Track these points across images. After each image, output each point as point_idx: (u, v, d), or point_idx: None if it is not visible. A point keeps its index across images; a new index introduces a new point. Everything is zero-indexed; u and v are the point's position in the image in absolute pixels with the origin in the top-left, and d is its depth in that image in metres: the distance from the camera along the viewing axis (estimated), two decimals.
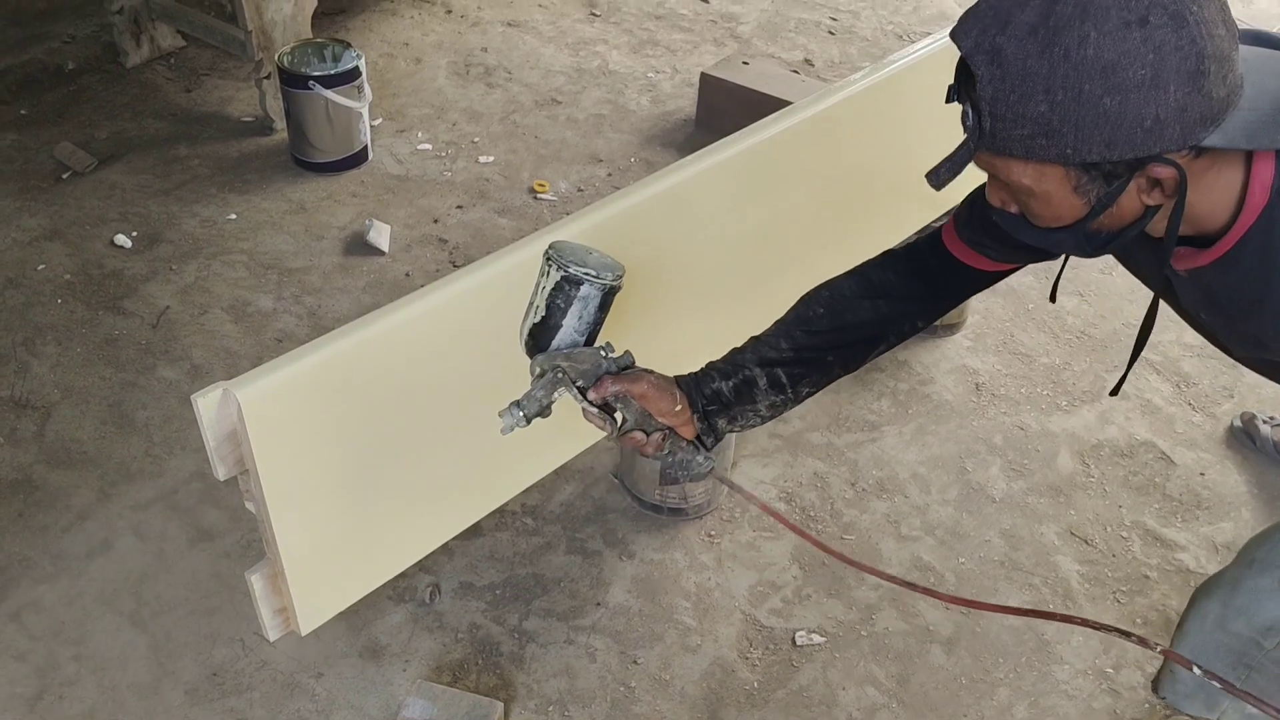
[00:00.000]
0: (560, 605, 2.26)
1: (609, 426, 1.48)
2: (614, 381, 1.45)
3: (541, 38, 4.36)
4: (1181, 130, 1.12)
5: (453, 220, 3.34)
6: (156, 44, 4.01)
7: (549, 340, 1.48)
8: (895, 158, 2.49)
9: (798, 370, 1.57)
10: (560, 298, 1.45)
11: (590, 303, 1.44)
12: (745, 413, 1.56)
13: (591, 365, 1.46)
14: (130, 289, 2.99)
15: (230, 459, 1.56)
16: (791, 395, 1.57)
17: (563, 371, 1.46)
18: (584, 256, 1.46)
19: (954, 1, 4.82)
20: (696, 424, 1.52)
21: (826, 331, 1.59)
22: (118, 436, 2.56)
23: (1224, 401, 2.84)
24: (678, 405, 1.49)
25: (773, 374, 1.55)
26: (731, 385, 1.54)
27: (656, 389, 1.47)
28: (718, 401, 1.52)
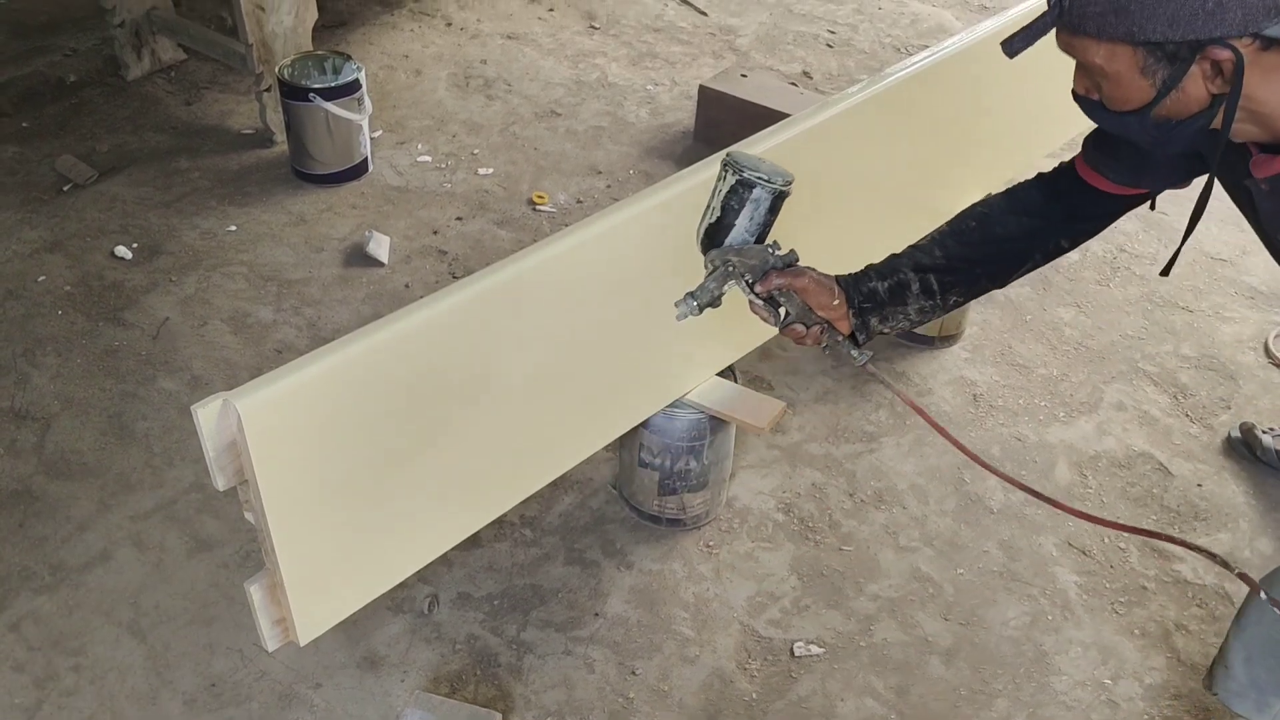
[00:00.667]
0: (558, 616, 2.26)
1: (773, 319, 1.60)
2: (779, 276, 1.57)
3: (541, 50, 4.38)
4: (1244, 15, 1.19)
5: (452, 232, 3.35)
6: (157, 57, 4.03)
7: (722, 238, 1.60)
8: (899, 168, 2.50)
9: (948, 278, 1.68)
10: (734, 200, 1.58)
11: (761, 205, 1.57)
12: (896, 314, 1.67)
13: (759, 261, 1.58)
14: (130, 300, 3.00)
15: (230, 469, 1.57)
16: (940, 302, 1.69)
17: (733, 265, 1.58)
18: (757, 164, 1.58)
19: (951, 15, 4.84)
20: (851, 320, 1.63)
21: (977, 243, 1.69)
22: (117, 447, 2.56)
23: (1221, 413, 2.85)
24: (835, 300, 1.61)
25: (925, 280, 1.66)
26: (886, 286, 1.65)
27: (817, 284, 1.59)
28: (872, 300, 1.64)
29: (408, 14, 4.56)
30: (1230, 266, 3.39)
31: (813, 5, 4.86)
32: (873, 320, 1.65)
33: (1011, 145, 2.97)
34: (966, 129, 2.69)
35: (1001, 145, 2.92)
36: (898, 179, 2.53)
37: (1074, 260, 3.36)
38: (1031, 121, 2.99)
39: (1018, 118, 2.89)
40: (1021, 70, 2.77)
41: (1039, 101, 2.96)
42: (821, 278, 1.61)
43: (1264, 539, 2.51)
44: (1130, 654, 2.26)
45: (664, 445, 2.30)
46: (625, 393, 2.13)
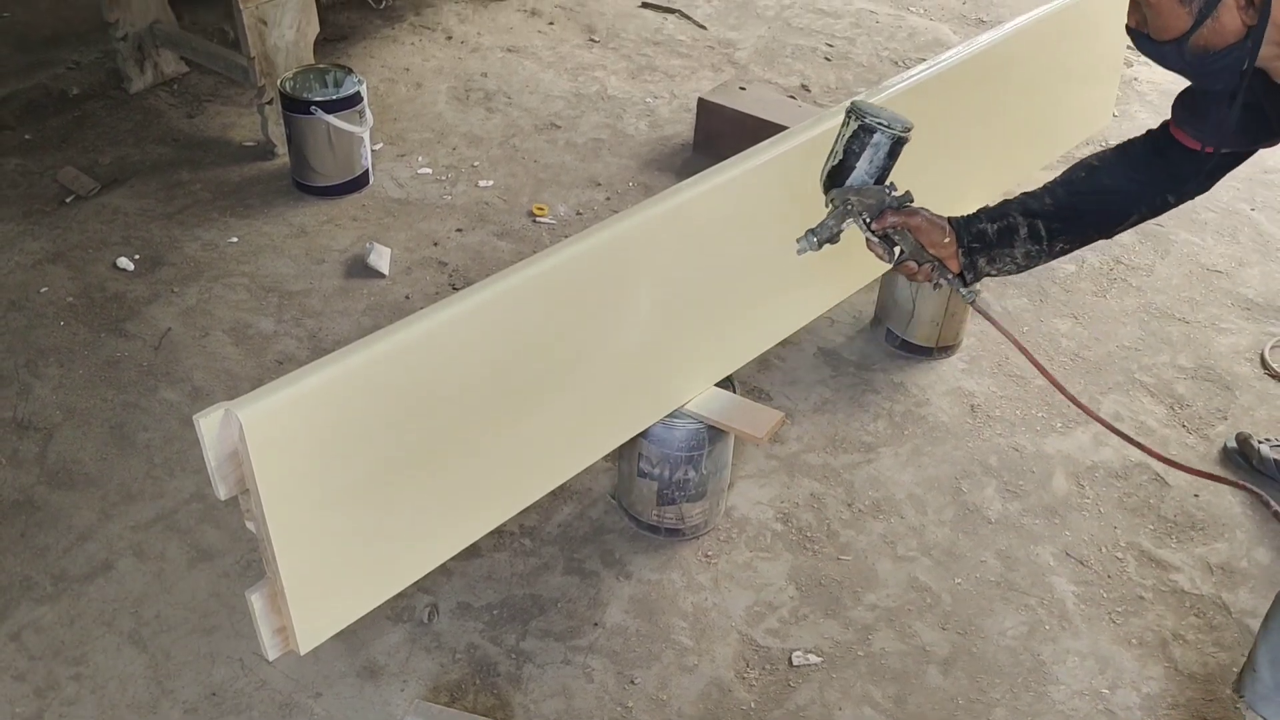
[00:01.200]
0: (558, 625, 2.27)
1: (887, 255, 1.75)
2: (894, 214, 1.71)
3: (541, 63, 4.41)
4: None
5: (452, 243, 3.37)
6: (160, 70, 4.05)
7: (843, 179, 1.74)
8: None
9: (1056, 225, 1.79)
10: (855, 144, 1.71)
11: (880, 149, 1.70)
12: (1003, 256, 1.79)
13: (876, 200, 1.72)
14: (132, 311, 3.01)
15: (231, 479, 1.58)
16: (1046, 248, 1.80)
17: (852, 204, 1.72)
18: (878, 111, 1.70)
19: (949, 29, 4.87)
20: (960, 259, 1.76)
21: (1085, 192, 1.81)
22: (119, 458, 2.58)
23: (1217, 423, 2.86)
24: (946, 239, 1.75)
25: (1033, 224, 1.78)
26: (995, 229, 1.77)
27: (929, 223, 1.73)
28: (981, 240, 1.77)
29: (409, 28, 4.58)
30: (1226, 278, 3.41)
31: (811, 19, 4.89)
32: (980, 261, 1.78)
33: (1007, 158, 3.00)
34: (964, 140, 2.71)
35: (997, 158, 2.95)
36: None
37: (1070, 271, 3.37)
38: (1027, 135, 3.02)
39: (1013, 131, 2.92)
40: (1017, 84, 2.80)
41: (1034, 116, 3.00)
42: (934, 217, 1.75)
43: (1261, 549, 2.52)
44: (1128, 664, 2.26)
45: (663, 455, 2.31)
46: (624, 402, 2.14)
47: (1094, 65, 3.15)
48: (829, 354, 3.02)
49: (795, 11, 4.94)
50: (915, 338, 2.98)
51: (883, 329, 3.06)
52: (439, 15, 4.70)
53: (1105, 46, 3.17)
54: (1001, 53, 2.67)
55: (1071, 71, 3.05)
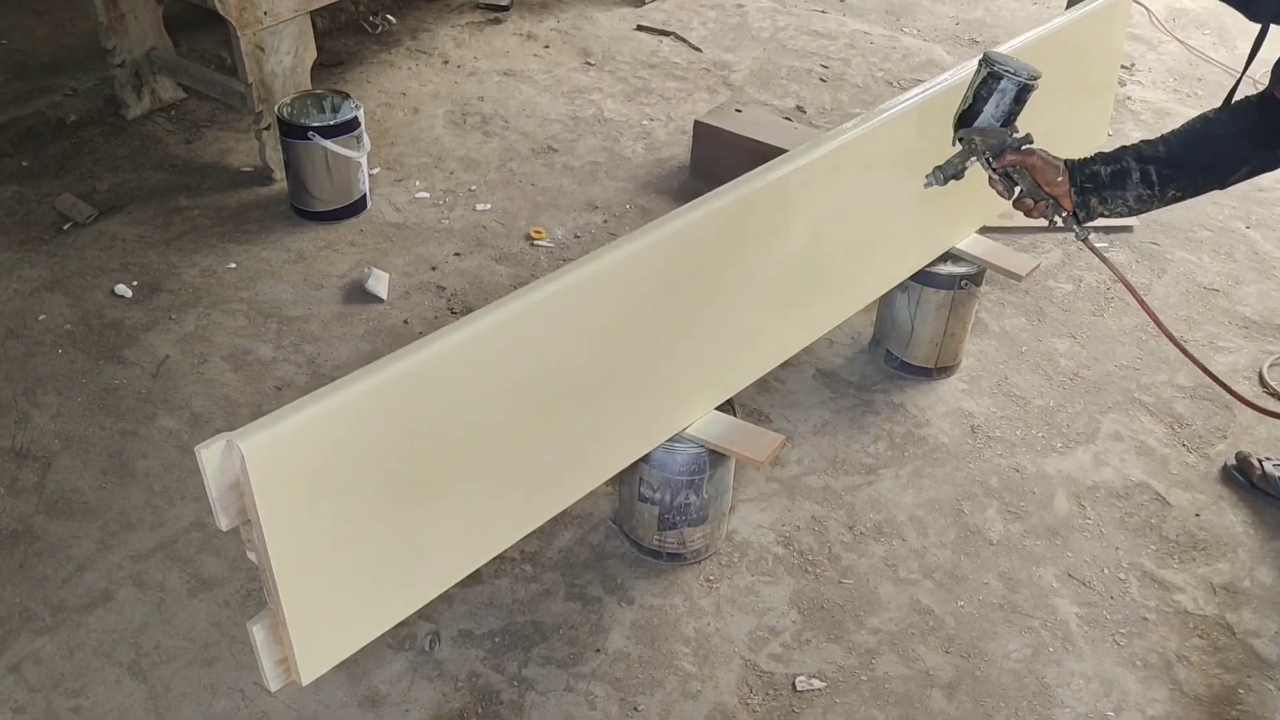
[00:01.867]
0: (560, 652, 2.26)
1: (1007, 192, 1.97)
2: (1013, 154, 1.94)
3: (537, 87, 4.43)
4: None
5: (451, 268, 3.37)
6: (157, 96, 4.06)
7: (971, 121, 1.99)
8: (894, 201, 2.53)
9: (1167, 171, 1.91)
10: (984, 89, 1.95)
11: (1007, 94, 1.94)
12: (1115, 198, 1.93)
13: (998, 141, 1.95)
14: (130, 338, 3.01)
15: (233, 509, 1.57)
16: (1158, 193, 1.93)
17: (976, 144, 1.97)
18: (1007, 60, 1.94)
19: (942, 50, 4.90)
20: (1073, 198, 1.93)
21: (1199, 142, 1.93)
22: (118, 486, 2.57)
23: (1217, 442, 2.86)
24: (1060, 178, 1.92)
25: (1145, 170, 1.91)
26: (1109, 171, 1.92)
27: (1045, 162, 1.93)
28: (1094, 181, 1.92)
29: (405, 52, 4.60)
30: (1224, 297, 3.41)
31: (805, 40, 4.91)
32: (1093, 200, 1.93)
33: None
34: None
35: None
36: (891, 212, 2.56)
37: (1068, 291, 3.38)
38: None
39: None
40: None
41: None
42: (1050, 158, 1.93)
43: (1263, 568, 2.52)
44: (1132, 686, 2.26)
45: (664, 480, 2.31)
46: (626, 427, 2.14)
47: (1089, 85, 3.16)
48: (828, 375, 3.02)
49: (790, 33, 4.96)
50: (914, 358, 2.98)
51: (882, 350, 3.06)
52: (435, 40, 4.72)
53: (1100, 66, 3.19)
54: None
55: (1067, 92, 3.06)
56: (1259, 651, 2.34)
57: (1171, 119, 4.40)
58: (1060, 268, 3.48)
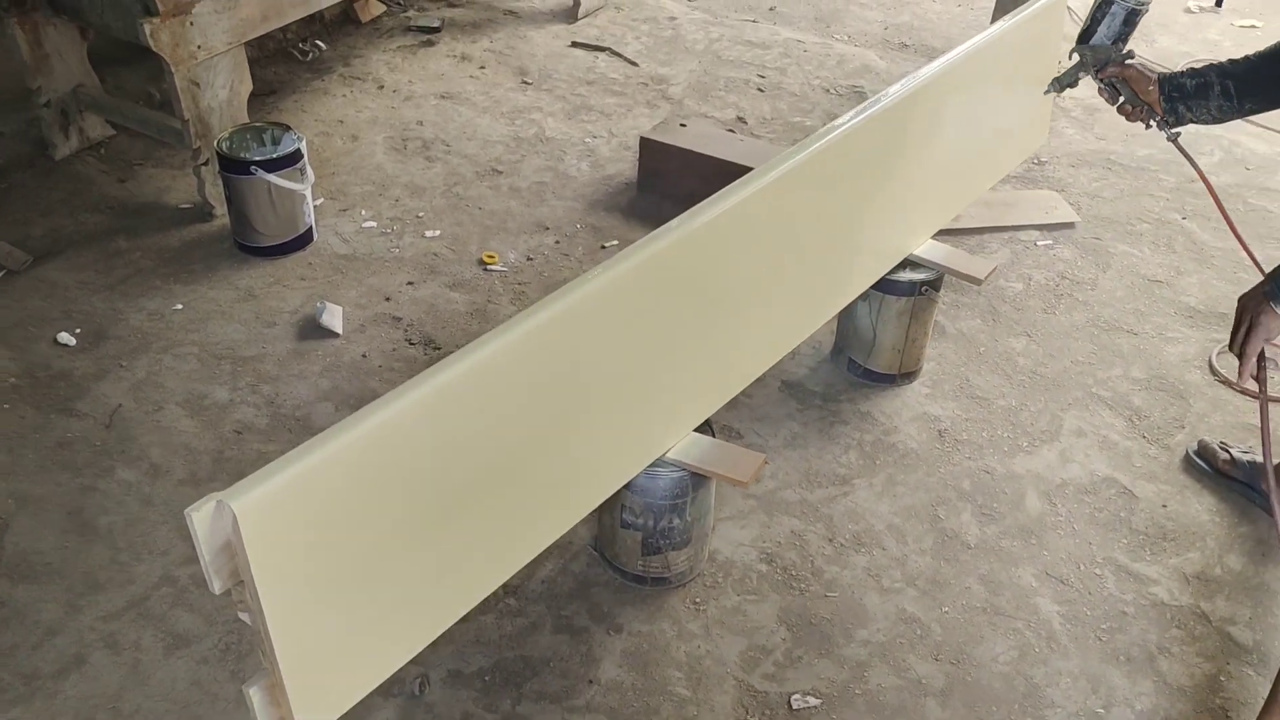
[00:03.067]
0: (552, 686, 2.23)
1: (1112, 99, 2.33)
2: (1114, 67, 2.31)
3: (476, 108, 4.39)
4: None
5: (405, 297, 3.32)
6: (86, 135, 3.94)
7: (1088, 40, 2.34)
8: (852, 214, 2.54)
9: (1244, 86, 2.13)
10: (1099, 12, 2.31)
11: (1117, 18, 2.29)
12: (1199, 106, 2.21)
13: (1105, 56, 2.32)
14: (80, 389, 2.91)
15: (225, 572, 1.52)
16: (1237, 105, 2.16)
17: (1086, 57, 2.35)
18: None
19: (876, 56, 4.96)
20: (1162, 104, 2.24)
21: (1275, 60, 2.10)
22: (80, 545, 2.48)
23: (1176, 433, 2.93)
24: (1151, 87, 2.24)
25: (1225, 84, 2.15)
26: (1193, 84, 2.19)
27: (1140, 73, 2.28)
28: (1180, 91, 2.21)
29: (338, 79, 4.53)
30: (1167, 288, 3.50)
31: (740, 51, 4.94)
32: (1180, 108, 2.22)
33: (950, 188, 3.04)
34: (909, 174, 2.74)
35: (941, 189, 2.99)
36: (852, 223, 2.57)
37: (1019, 290, 3.44)
38: (968, 163, 3.07)
39: (954, 160, 2.96)
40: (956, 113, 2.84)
41: (975, 143, 3.05)
42: (1146, 70, 2.26)
43: (1232, 555, 2.58)
44: (1118, 681, 2.29)
45: (646, 505, 2.29)
46: (609, 456, 2.12)
47: (1028, 86, 3.21)
48: (793, 387, 3.03)
49: (724, 44, 4.98)
50: (878, 365, 3.00)
51: (844, 358, 3.08)
52: (368, 65, 4.65)
53: (1038, 67, 3.24)
54: (941, 84, 2.71)
55: (1008, 95, 3.12)
56: (1235, 638, 2.39)
57: (1102, 114, 4.51)
58: (1010, 266, 3.54)
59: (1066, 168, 4.13)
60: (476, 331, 3.18)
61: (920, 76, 2.65)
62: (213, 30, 3.36)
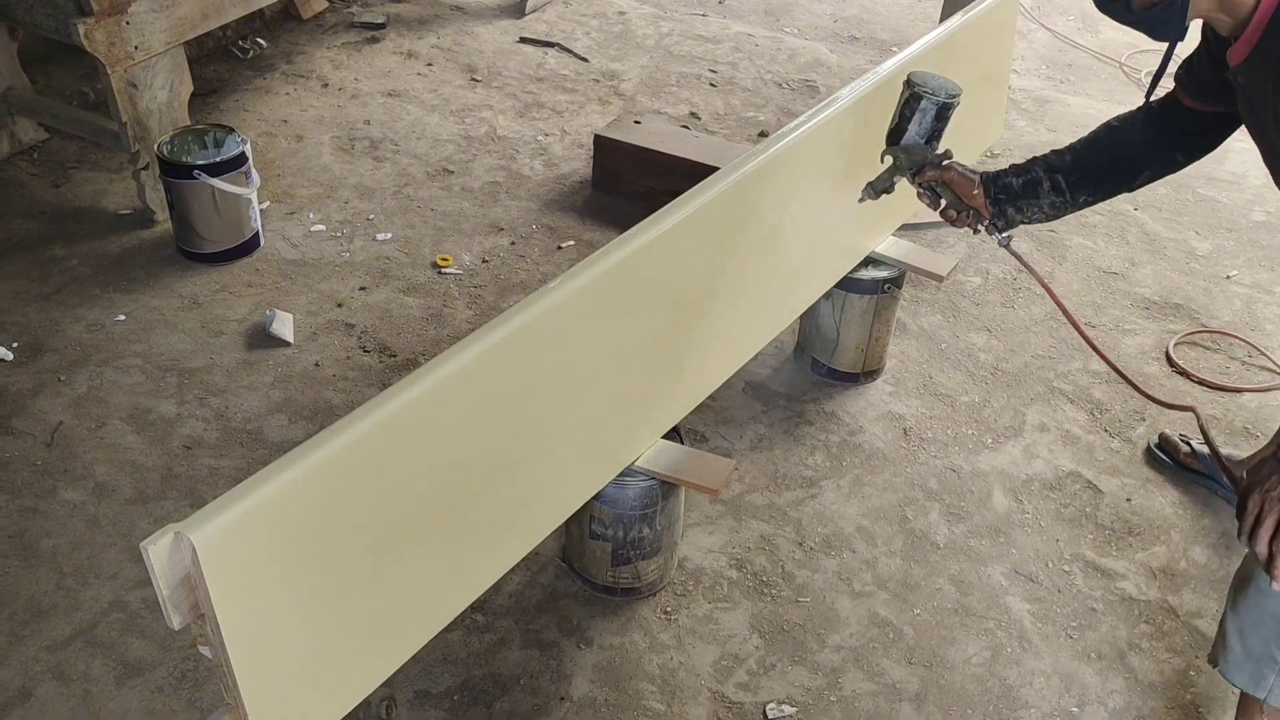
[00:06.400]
0: (523, 704, 2.17)
1: (933, 205, 2.15)
2: (932, 170, 2.12)
3: (425, 106, 4.30)
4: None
5: (357, 303, 3.24)
6: (17, 139, 3.80)
7: (898, 139, 2.14)
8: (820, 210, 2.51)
9: (1074, 178, 2.05)
10: (908, 109, 2.11)
11: (928, 114, 2.09)
12: (1030, 206, 2.10)
13: (921, 158, 2.12)
14: (17, 406, 2.79)
15: (185, 606, 1.45)
16: (1070, 199, 2.07)
17: (900, 161, 2.15)
18: (928, 80, 2.09)
19: (826, 49, 4.94)
20: (989, 208, 2.10)
21: (1104, 148, 2.06)
22: (23, 570, 2.37)
23: (1137, 425, 2.94)
24: (975, 190, 2.09)
25: (1054, 179, 2.06)
26: (1020, 182, 2.08)
27: (961, 177, 2.11)
28: (1007, 193, 2.09)
29: (281, 77, 4.41)
30: (1122, 279, 3.51)
31: (691, 46, 4.89)
32: (1009, 210, 2.10)
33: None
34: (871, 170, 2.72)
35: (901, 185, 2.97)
36: (815, 224, 2.54)
37: (977, 284, 3.43)
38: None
39: None
40: None
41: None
42: (966, 172, 2.11)
43: (1197, 547, 2.59)
44: (1090, 679, 2.29)
45: (616, 516, 2.24)
46: (576, 468, 2.06)
47: (984, 80, 3.21)
48: (757, 388, 3.00)
49: (675, 39, 4.94)
50: (841, 364, 2.98)
51: (807, 358, 3.05)
52: (311, 62, 4.54)
53: (994, 60, 3.24)
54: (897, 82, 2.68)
55: (967, 87, 3.10)
56: (1203, 631, 2.40)
57: (1051, 105, 4.53)
58: (968, 261, 3.54)
59: (1019, 160, 4.13)
60: (432, 337, 3.11)
61: (878, 74, 2.63)
62: (150, 30, 3.24)
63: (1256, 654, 1.88)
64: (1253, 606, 1.85)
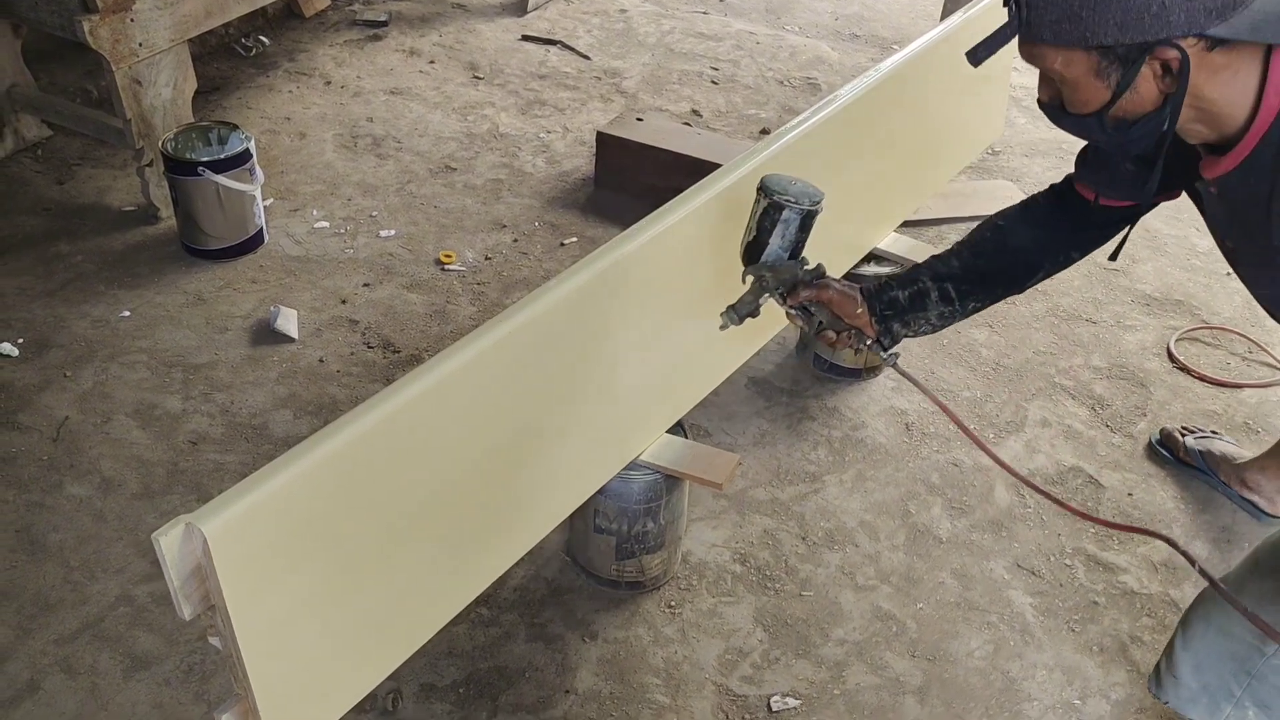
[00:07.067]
0: (529, 697, 2.18)
1: (808, 326, 1.84)
2: (806, 289, 1.81)
3: (427, 104, 4.31)
4: (1187, 16, 1.28)
5: (361, 300, 3.25)
6: (21, 135, 3.81)
7: (758, 255, 1.82)
8: None
9: (964, 286, 1.85)
10: (767, 221, 1.78)
11: (791, 224, 1.77)
12: (918, 319, 1.86)
13: (790, 275, 1.80)
14: (24, 401, 2.80)
15: (196, 597, 1.46)
16: (959, 308, 1.87)
17: (767, 280, 1.82)
18: (787, 185, 1.77)
19: (828, 47, 4.95)
20: (875, 326, 1.84)
21: (991, 254, 1.87)
22: (30, 565, 2.38)
23: (1138, 420, 2.95)
24: (859, 309, 1.82)
25: (943, 288, 1.84)
26: (907, 294, 1.84)
27: (841, 295, 1.82)
28: (893, 308, 1.84)
29: (284, 75, 4.42)
30: (1124, 276, 3.53)
31: (692, 43, 4.90)
32: (895, 325, 1.86)
33: (912, 181, 3.04)
34: (871, 170, 2.73)
35: (904, 182, 2.98)
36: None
37: None
38: (929, 156, 3.07)
39: (915, 154, 2.96)
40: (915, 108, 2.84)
41: (935, 136, 3.05)
42: (846, 289, 1.83)
43: (1198, 542, 2.60)
44: (1093, 672, 2.30)
45: (620, 510, 2.25)
46: (584, 461, 2.08)
47: (985, 78, 3.22)
48: (760, 384, 3.01)
49: (676, 37, 4.95)
50: (843, 360, 2.99)
51: (809, 354, 3.06)
52: (314, 60, 4.55)
53: (993, 60, 3.25)
54: (899, 79, 2.70)
55: (966, 88, 3.12)
56: None
57: None
58: None
59: (1020, 157, 4.15)
60: (436, 333, 3.12)
61: (879, 72, 2.64)
62: (155, 27, 3.25)
63: (1213, 688, 1.83)
64: (1212, 645, 1.80)
